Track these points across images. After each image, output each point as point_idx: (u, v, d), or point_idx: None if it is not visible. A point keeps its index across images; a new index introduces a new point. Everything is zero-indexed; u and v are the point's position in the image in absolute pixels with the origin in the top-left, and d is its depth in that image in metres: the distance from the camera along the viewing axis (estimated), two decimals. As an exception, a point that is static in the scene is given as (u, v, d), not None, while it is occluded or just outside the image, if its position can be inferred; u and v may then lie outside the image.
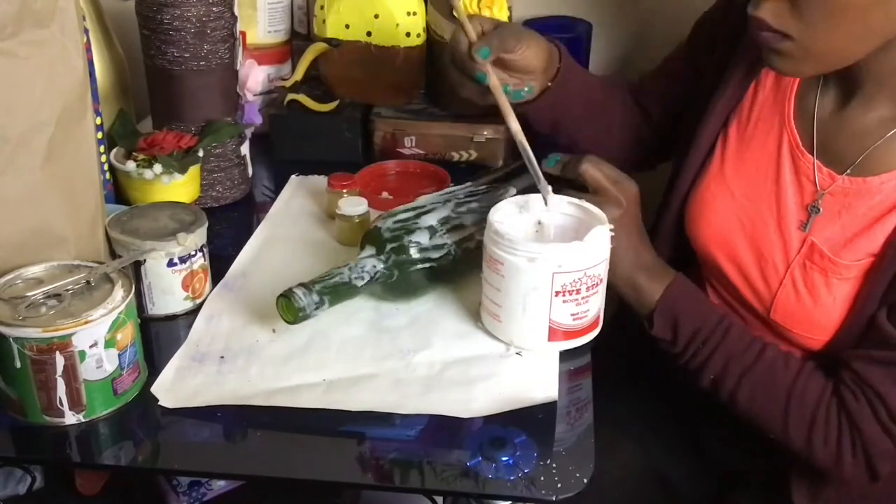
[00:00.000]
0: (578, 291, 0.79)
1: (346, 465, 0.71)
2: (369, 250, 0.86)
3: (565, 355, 0.83)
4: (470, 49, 0.90)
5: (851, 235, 0.84)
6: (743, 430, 0.89)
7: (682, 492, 0.99)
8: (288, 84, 1.21)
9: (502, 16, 1.24)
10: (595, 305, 0.81)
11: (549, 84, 1.00)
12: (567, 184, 0.87)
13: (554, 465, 0.71)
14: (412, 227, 0.86)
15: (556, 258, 0.77)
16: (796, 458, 0.85)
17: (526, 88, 0.97)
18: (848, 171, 0.85)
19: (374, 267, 0.84)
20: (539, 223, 0.85)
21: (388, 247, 0.85)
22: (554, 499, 0.68)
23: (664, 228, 1.00)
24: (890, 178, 0.82)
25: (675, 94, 1.07)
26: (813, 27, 0.77)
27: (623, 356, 1.04)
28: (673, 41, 1.09)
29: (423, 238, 0.86)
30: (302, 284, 0.80)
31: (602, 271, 0.80)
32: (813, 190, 0.87)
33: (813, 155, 0.88)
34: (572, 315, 0.80)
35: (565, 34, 1.34)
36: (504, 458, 0.70)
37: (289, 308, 0.79)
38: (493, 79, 0.91)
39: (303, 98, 1.20)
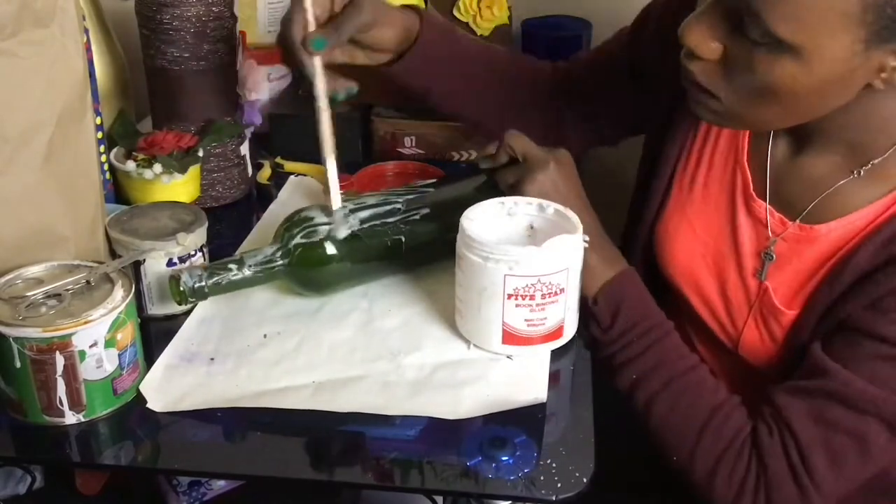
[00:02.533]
0: (533, 297, 0.77)
1: (346, 465, 0.71)
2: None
3: (564, 355, 0.83)
4: (305, 38, 0.83)
5: (798, 285, 0.83)
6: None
7: (682, 492, 0.99)
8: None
9: (502, 15, 1.24)
10: (555, 315, 0.79)
11: (405, 51, 0.94)
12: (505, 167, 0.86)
13: (554, 465, 0.70)
14: (302, 211, 0.88)
15: (508, 260, 0.76)
16: (690, 486, 0.81)
17: (343, 93, 0.89)
18: (799, 218, 0.84)
19: (271, 249, 0.85)
20: (531, 227, 0.84)
21: (281, 229, 0.87)
22: (554, 499, 0.68)
23: (632, 261, 0.91)
24: (837, 226, 0.81)
25: (609, 82, 1.02)
26: (742, 98, 0.75)
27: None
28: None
29: (314, 213, 0.87)
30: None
31: (562, 280, 0.77)
32: (766, 235, 0.86)
33: (765, 200, 0.86)
34: (527, 321, 0.78)
35: (565, 34, 1.34)
36: (504, 458, 0.70)
37: (175, 290, 0.81)
38: (321, 83, 0.85)
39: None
